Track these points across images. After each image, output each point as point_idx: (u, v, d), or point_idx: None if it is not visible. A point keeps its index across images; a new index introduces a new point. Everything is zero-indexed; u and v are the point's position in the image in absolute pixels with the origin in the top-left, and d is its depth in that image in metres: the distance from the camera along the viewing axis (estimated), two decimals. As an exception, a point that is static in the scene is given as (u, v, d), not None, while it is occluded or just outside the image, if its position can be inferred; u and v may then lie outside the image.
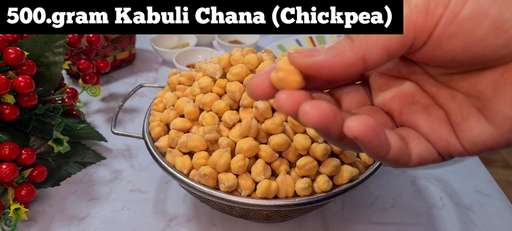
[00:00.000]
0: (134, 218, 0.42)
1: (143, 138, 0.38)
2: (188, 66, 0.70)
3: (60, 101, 0.50)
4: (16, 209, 0.38)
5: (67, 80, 0.66)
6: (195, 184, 0.33)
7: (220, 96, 0.37)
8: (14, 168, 0.39)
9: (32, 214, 0.42)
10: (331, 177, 0.33)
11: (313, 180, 0.33)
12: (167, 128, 0.39)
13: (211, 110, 0.36)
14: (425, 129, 0.21)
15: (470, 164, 0.52)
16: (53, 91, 0.49)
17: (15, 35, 0.45)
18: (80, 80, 0.55)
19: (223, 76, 0.38)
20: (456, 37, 0.19)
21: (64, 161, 0.48)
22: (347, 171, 0.33)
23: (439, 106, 0.22)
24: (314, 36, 0.78)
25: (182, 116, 0.38)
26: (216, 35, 0.77)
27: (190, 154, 0.35)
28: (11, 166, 0.39)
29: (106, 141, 0.52)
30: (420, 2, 0.19)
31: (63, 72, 0.62)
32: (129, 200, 0.44)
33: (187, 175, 0.34)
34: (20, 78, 0.40)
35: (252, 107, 0.34)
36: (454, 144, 0.20)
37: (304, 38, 0.77)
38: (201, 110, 0.37)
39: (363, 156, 0.35)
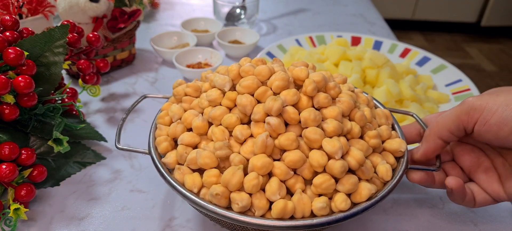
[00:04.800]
0: (134, 218, 0.42)
1: (150, 153, 0.37)
2: (188, 66, 0.70)
3: (60, 101, 0.50)
4: (16, 209, 0.38)
5: (67, 80, 0.66)
6: (208, 205, 0.31)
7: (230, 109, 0.35)
8: (14, 168, 0.39)
9: (32, 214, 0.42)
10: (348, 195, 0.31)
11: (330, 198, 0.31)
12: (174, 142, 0.37)
13: (220, 125, 0.34)
14: (485, 185, 0.37)
15: (470, 164, 0.52)
16: (53, 91, 0.49)
17: (15, 35, 0.45)
18: (80, 80, 0.55)
19: (233, 88, 0.36)
20: (488, 133, 0.33)
21: (64, 161, 0.48)
22: (366, 189, 0.31)
23: (494, 169, 0.37)
24: (314, 35, 0.78)
25: (190, 130, 0.36)
26: (216, 35, 0.77)
27: (200, 170, 0.34)
28: (11, 166, 0.39)
29: (106, 141, 0.52)
30: (466, 107, 0.34)
31: (63, 72, 0.62)
32: (129, 200, 0.44)
33: (197, 194, 0.32)
34: (20, 78, 0.40)
35: (264, 122, 0.33)
36: (502, 195, 0.36)
37: (304, 38, 0.77)
38: (210, 124, 0.35)
39: (381, 171, 0.33)
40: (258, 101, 0.34)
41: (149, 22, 0.94)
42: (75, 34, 0.51)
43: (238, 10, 0.89)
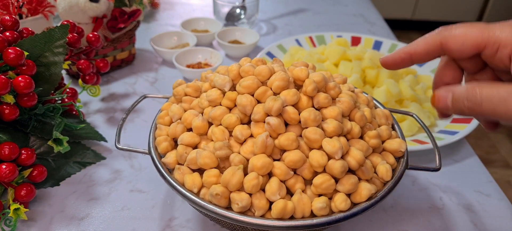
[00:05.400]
0: (134, 218, 0.42)
1: (150, 153, 0.37)
2: (188, 66, 0.70)
3: (60, 101, 0.50)
4: (16, 209, 0.38)
5: (67, 80, 0.66)
6: (208, 205, 0.31)
7: (230, 109, 0.35)
8: (14, 168, 0.39)
9: (32, 214, 0.42)
10: (348, 195, 0.31)
11: (329, 198, 0.31)
12: (174, 142, 0.37)
13: (220, 125, 0.34)
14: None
15: (470, 164, 0.52)
16: (53, 91, 0.49)
17: (15, 35, 0.45)
18: (80, 80, 0.55)
19: (233, 88, 0.36)
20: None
21: (64, 161, 0.48)
22: (366, 189, 0.31)
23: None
24: (314, 35, 0.78)
25: (190, 130, 0.36)
26: (216, 35, 0.77)
27: (200, 170, 0.34)
28: (11, 166, 0.39)
29: (106, 141, 0.52)
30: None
31: (63, 72, 0.62)
32: (129, 200, 0.44)
33: (197, 194, 0.32)
34: (20, 78, 0.40)
35: (264, 122, 0.33)
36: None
37: (303, 38, 0.77)
38: (210, 124, 0.35)
39: (381, 171, 0.33)
40: (258, 101, 0.34)
41: (149, 22, 0.94)
42: (75, 34, 0.51)
43: (238, 10, 0.89)
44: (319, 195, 0.32)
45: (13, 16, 0.46)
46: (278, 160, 0.33)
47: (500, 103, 0.24)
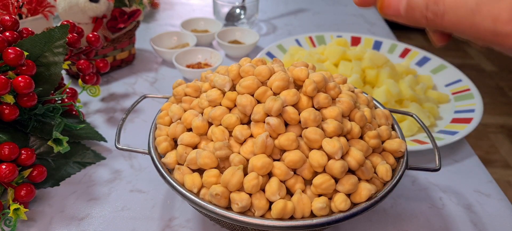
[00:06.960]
0: (134, 218, 0.42)
1: (149, 153, 0.37)
2: (188, 66, 0.70)
3: (59, 102, 0.49)
4: (16, 209, 0.38)
5: (66, 80, 0.66)
6: (207, 205, 0.31)
7: (230, 109, 0.35)
8: (14, 168, 0.39)
9: (31, 214, 0.42)
10: (348, 195, 0.31)
11: (329, 198, 0.32)
12: (174, 142, 0.37)
13: (220, 125, 0.34)
14: None
15: (470, 164, 0.52)
16: (52, 92, 0.49)
17: (15, 35, 0.45)
18: (79, 80, 0.55)
19: (232, 88, 0.36)
20: None
21: (63, 161, 0.48)
22: (366, 189, 0.31)
23: None
24: (313, 36, 0.78)
25: (190, 130, 0.36)
26: (216, 35, 0.77)
27: (199, 170, 0.34)
28: (10, 166, 0.39)
29: (105, 141, 0.52)
30: None
31: (63, 72, 0.62)
32: (129, 200, 0.44)
33: (197, 194, 0.32)
34: (19, 79, 0.40)
35: (264, 122, 0.33)
36: None
37: (303, 38, 0.77)
38: (210, 124, 0.35)
39: (381, 172, 0.33)
40: (258, 102, 0.34)
41: (149, 22, 0.94)
42: (75, 34, 0.51)
43: (238, 10, 0.89)
44: (319, 195, 0.32)
45: (13, 16, 0.46)
46: (278, 160, 0.33)
47: (466, 16, 0.21)
